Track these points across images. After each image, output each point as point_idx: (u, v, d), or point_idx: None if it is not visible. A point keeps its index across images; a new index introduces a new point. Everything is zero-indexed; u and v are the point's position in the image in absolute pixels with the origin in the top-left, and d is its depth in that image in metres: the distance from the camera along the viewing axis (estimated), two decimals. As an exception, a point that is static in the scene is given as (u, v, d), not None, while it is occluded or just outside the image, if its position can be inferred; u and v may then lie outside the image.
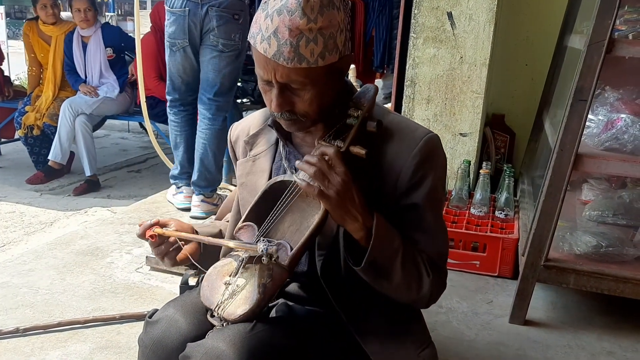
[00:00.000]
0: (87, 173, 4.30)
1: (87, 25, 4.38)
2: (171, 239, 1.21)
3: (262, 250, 1.06)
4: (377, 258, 1.09)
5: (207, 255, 1.26)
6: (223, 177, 3.47)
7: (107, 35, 4.49)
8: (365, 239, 1.08)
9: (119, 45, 4.51)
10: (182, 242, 1.21)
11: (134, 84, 4.40)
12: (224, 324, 1.09)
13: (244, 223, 1.17)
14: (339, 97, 1.17)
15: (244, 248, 1.11)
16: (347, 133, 1.11)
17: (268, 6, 1.05)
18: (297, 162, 1.07)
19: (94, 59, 4.46)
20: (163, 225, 1.22)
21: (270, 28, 1.03)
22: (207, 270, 1.18)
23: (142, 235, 1.22)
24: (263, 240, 1.09)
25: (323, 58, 1.05)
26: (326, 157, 1.06)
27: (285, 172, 1.23)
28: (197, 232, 1.27)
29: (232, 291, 1.10)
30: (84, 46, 4.46)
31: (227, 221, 1.41)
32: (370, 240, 1.07)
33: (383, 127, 1.15)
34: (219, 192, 3.31)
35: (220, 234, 1.37)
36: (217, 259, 1.21)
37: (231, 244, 1.13)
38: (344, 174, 1.05)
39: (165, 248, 1.22)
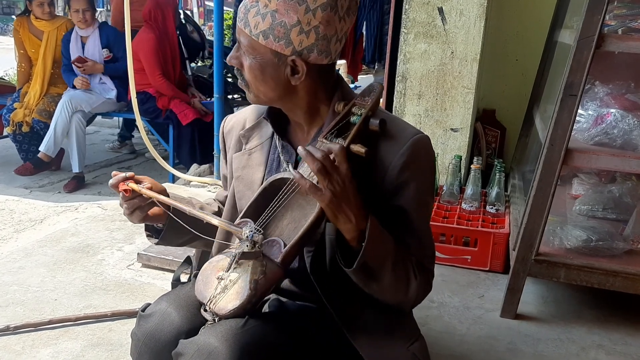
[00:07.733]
0: (75, 170, 4.29)
1: (85, 26, 4.38)
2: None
3: (246, 235, 1.04)
4: (368, 261, 1.07)
5: (171, 229, 1.27)
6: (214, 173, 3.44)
7: (105, 35, 4.46)
8: (356, 240, 1.07)
9: (117, 46, 4.47)
10: (156, 200, 1.19)
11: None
12: (216, 319, 1.09)
13: (242, 219, 1.16)
14: (314, 98, 1.17)
15: (228, 228, 1.09)
16: (349, 131, 1.09)
17: None
18: (300, 148, 1.03)
19: (92, 59, 4.43)
20: (137, 182, 1.21)
21: None
22: (169, 237, 1.21)
23: (114, 186, 1.20)
24: (250, 226, 1.07)
25: (265, 38, 1.08)
26: (331, 155, 1.04)
27: (279, 165, 1.23)
28: (168, 196, 1.25)
29: (224, 286, 1.09)
30: (82, 46, 4.44)
31: (210, 203, 1.43)
32: (362, 241, 1.06)
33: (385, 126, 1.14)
34: (210, 189, 3.27)
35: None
36: (181, 234, 1.24)
37: (215, 221, 1.10)
38: (346, 175, 1.04)
39: (138, 202, 1.21)
